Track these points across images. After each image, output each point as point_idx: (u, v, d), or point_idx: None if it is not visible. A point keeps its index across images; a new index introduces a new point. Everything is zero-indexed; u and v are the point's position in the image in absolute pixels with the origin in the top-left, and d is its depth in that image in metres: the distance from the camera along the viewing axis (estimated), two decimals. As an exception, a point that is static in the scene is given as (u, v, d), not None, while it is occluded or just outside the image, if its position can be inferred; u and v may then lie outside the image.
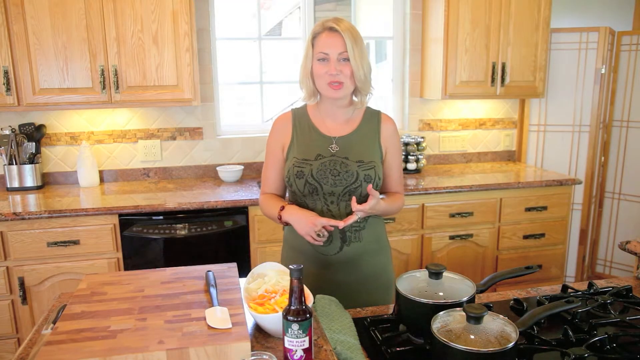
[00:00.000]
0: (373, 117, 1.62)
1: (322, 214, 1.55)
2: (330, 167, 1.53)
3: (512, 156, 3.62)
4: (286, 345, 1.03)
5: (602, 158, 3.57)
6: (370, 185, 1.47)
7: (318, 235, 1.48)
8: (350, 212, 1.52)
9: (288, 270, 1.19)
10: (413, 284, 1.28)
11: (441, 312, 1.12)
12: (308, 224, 1.47)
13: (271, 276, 1.32)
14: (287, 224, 1.57)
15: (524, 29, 3.06)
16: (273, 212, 1.58)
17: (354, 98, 1.58)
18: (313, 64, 1.51)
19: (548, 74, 3.37)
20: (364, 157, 1.56)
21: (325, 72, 1.49)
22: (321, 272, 1.60)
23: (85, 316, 1.12)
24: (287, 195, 1.72)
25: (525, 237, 2.97)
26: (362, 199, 1.53)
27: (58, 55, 2.50)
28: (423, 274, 1.31)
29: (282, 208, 1.55)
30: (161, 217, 2.47)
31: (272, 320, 1.13)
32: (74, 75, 2.54)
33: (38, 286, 2.40)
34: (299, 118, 1.62)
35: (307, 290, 1.19)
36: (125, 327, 1.06)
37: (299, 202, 1.59)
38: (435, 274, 1.27)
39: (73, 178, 2.93)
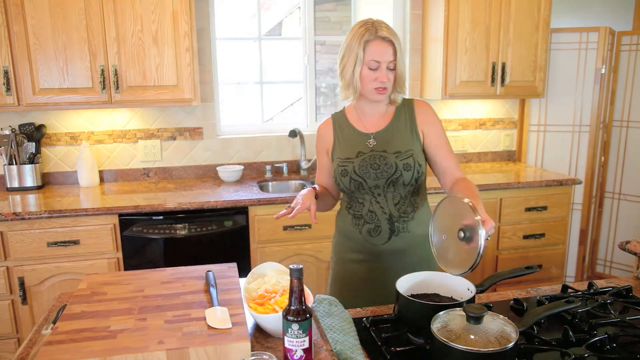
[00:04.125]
0: (406, 106, 1.67)
1: (370, 206, 1.62)
2: (371, 161, 1.60)
3: (512, 156, 3.62)
4: (286, 345, 1.03)
5: (602, 158, 3.57)
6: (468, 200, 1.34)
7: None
8: (398, 202, 1.61)
9: (288, 270, 1.19)
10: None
11: (441, 312, 1.12)
12: (299, 198, 1.60)
13: (271, 276, 1.32)
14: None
15: (524, 29, 3.06)
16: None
17: (391, 95, 1.64)
18: (362, 69, 1.55)
19: (548, 74, 3.37)
20: (401, 147, 1.61)
21: (374, 79, 1.55)
22: (370, 260, 1.66)
23: (85, 316, 1.12)
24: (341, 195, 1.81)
25: (525, 237, 2.97)
26: (406, 188, 1.61)
27: (58, 55, 2.50)
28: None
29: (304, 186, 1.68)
30: (161, 217, 2.47)
31: (272, 320, 1.13)
32: (74, 75, 2.54)
33: (38, 286, 2.40)
34: (339, 122, 1.71)
35: (307, 290, 1.19)
36: (125, 327, 1.06)
37: (350, 196, 1.67)
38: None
39: (73, 178, 2.93)
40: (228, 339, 1.01)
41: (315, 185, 1.72)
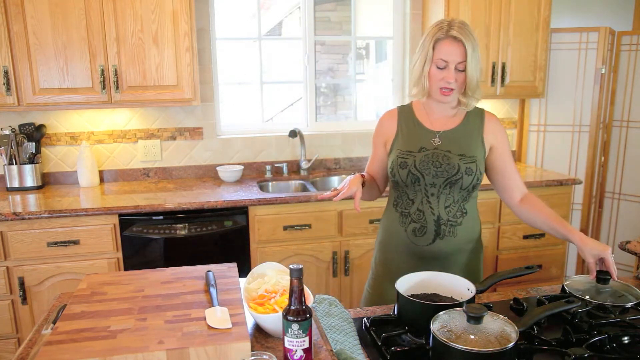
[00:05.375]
0: (476, 115, 1.65)
1: (421, 205, 1.60)
2: (433, 159, 1.58)
3: (512, 156, 3.61)
4: (286, 345, 1.03)
5: (602, 158, 3.57)
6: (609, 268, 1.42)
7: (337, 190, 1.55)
8: (449, 205, 1.59)
9: (288, 270, 1.19)
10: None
11: (441, 312, 1.12)
12: (346, 183, 1.56)
13: (271, 276, 1.32)
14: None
15: (524, 29, 3.06)
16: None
17: (460, 96, 1.60)
18: (431, 67, 1.53)
19: (548, 74, 3.37)
20: (465, 151, 1.59)
21: (441, 79, 1.52)
22: (412, 260, 1.64)
23: (85, 316, 1.12)
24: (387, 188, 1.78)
25: (525, 237, 2.97)
26: (461, 193, 1.59)
27: (58, 55, 2.50)
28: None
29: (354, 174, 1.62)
30: (161, 217, 2.47)
31: (272, 320, 1.13)
32: (74, 75, 2.54)
33: (38, 286, 2.40)
34: (405, 114, 1.68)
35: (307, 290, 1.19)
36: (125, 327, 1.06)
37: (401, 191, 1.64)
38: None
39: (73, 178, 2.93)
40: (228, 339, 1.01)
41: (364, 173, 1.68)
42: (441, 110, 1.64)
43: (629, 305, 1.29)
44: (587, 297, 1.31)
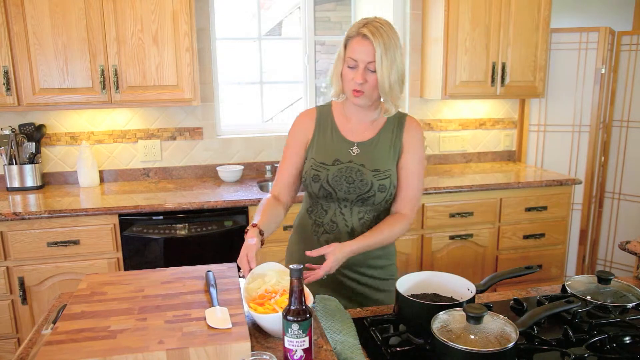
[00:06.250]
0: (397, 121, 1.57)
1: (334, 216, 1.56)
2: (346, 174, 1.52)
3: (512, 156, 3.62)
4: (286, 345, 1.03)
5: (602, 158, 3.57)
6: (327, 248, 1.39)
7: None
8: (362, 217, 1.54)
9: (288, 270, 1.19)
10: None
11: (441, 312, 1.12)
12: (240, 256, 1.35)
13: (271, 276, 1.32)
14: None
15: (524, 29, 3.06)
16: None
17: (382, 100, 1.54)
18: (343, 67, 1.48)
19: (548, 74, 3.37)
20: (380, 165, 1.53)
21: (351, 79, 1.46)
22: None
23: (85, 316, 1.12)
24: (299, 193, 1.69)
25: (525, 237, 2.97)
26: (375, 207, 1.54)
27: (58, 55, 2.50)
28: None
29: (247, 231, 1.43)
30: (161, 217, 2.47)
31: (272, 320, 1.13)
32: (74, 75, 2.54)
33: (38, 286, 2.40)
34: (323, 116, 1.61)
35: (307, 290, 1.19)
36: (125, 327, 1.06)
37: (315, 201, 1.59)
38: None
39: (73, 178, 2.93)
40: (228, 339, 1.02)
41: (256, 222, 1.44)
42: (360, 115, 1.57)
43: (630, 305, 1.29)
44: (588, 297, 1.31)
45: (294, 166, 1.60)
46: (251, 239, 1.37)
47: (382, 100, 1.53)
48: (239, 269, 1.36)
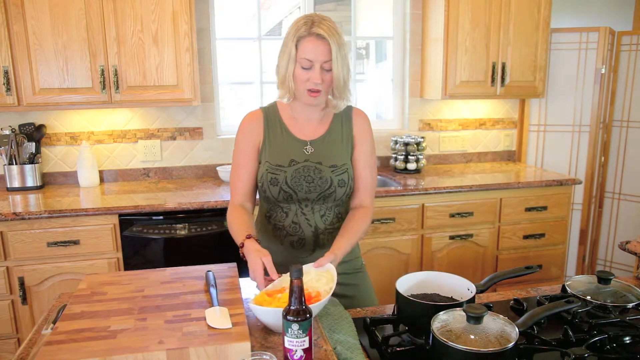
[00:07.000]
0: (344, 114, 1.58)
1: (296, 218, 1.54)
2: (305, 173, 1.51)
3: (512, 156, 3.62)
4: (286, 345, 1.03)
5: (602, 158, 3.57)
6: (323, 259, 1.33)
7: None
8: (324, 214, 1.54)
9: (322, 271, 1.20)
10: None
11: (441, 312, 1.12)
12: (251, 271, 1.31)
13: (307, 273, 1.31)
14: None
15: (524, 29, 3.06)
16: (236, 239, 1.46)
17: (329, 97, 1.53)
18: (295, 68, 1.43)
19: (548, 74, 3.37)
20: (336, 160, 1.53)
21: (307, 79, 1.43)
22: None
23: (85, 316, 1.12)
24: (257, 198, 1.65)
25: (525, 237, 2.97)
26: (336, 203, 1.54)
27: (58, 55, 2.50)
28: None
29: (242, 245, 1.40)
30: (161, 217, 2.47)
31: (272, 315, 1.12)
32: (74, 75, 2.54)
33: (38, 286, 2.40)
34: (271, 117, 1.57)
35: (333, 273, 1.19)
36: (125, 327, 1.06)
37: (273, 204, 1.56)
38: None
39: (73, 178, 2.93)
40: (228, 339, 1.02)
41: (244, 239, 1.40)
42: (308, 113, 1.55)
43: (630, 305, 1.29)
44: (588, 297, 1.31)
45: (251, 172, 1.57)
46: (252, 254, 1.32)
47: (330, 97, 1.52)
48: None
